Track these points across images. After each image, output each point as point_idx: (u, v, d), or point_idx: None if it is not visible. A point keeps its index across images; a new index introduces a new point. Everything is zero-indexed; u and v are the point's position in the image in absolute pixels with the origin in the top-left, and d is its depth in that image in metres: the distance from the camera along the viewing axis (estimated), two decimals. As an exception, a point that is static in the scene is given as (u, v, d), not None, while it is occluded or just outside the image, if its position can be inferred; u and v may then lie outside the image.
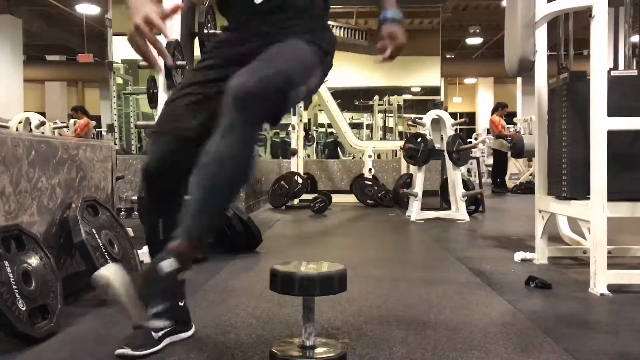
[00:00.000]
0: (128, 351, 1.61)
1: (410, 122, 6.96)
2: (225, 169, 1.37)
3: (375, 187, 7.06)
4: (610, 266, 2.43)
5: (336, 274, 1.51)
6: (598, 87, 2.42)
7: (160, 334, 1.67)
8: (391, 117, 11.99)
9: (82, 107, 9.94)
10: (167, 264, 1.35)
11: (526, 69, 2.91)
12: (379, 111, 12.10)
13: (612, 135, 2.42)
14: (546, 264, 3.07)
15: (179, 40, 3.67)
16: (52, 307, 1.90)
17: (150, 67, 2.13)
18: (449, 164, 5.59)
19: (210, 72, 1.67)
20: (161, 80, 3.58)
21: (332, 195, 7.06)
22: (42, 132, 7.05)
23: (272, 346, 1.59)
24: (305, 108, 7.62)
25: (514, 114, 16.53)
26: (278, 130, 10.92)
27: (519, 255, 3.20)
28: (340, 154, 11.20)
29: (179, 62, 3.60)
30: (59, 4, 13.30)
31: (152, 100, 3.82)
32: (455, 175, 5.55)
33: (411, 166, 6.15)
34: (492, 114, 9.95)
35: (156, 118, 1.83)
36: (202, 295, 2.43)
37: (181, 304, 1.77)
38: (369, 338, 1.82)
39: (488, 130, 11.29)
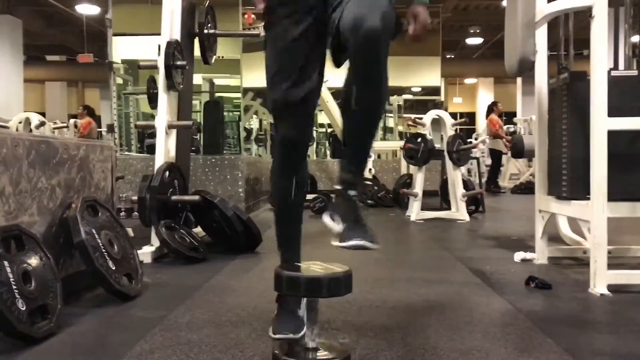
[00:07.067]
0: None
1: (410, 122, 6.95)
2: (379, 110, 1.59)
3: (375, 187, 7.06)
4: (610, 266, 2.43)
5: (343, 274, 1.50)
6: (598, 87, 2.42)
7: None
8: (391, 117, 11.99)
9: (89, 107, 9.95)
10: (353, 193, 1.74)
11: (526, 69, 2.90)
12: (379, 111, 12.10)
13: (612, 135, 2.41)
14: (546, 264, 3.07)
15: (179, 40, 3.67)
16: (52, 307, 1.90)
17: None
18: (449, 164, 5.58)
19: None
20: (161, 80, 3.58)
21: (332, 195, 7.05)
22: (42, 132, 7.06)
23: (273, 347, 1.59)
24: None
25: (514, 114, 16.54)
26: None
27: (519, 256, 3.19)
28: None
29: (178, 62, 3.60)
30: (59, 4, 13.28)
31: (152, 100, 3.82)
32: (456, 175, 5.55)
33: (411, 166, 6.14)
34: (487, 115, 9.97)
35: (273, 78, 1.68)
36: (202, 295, 2.43)
37: None
38: (369, 338, 1.82)
39: (488, 130, 11.30)
